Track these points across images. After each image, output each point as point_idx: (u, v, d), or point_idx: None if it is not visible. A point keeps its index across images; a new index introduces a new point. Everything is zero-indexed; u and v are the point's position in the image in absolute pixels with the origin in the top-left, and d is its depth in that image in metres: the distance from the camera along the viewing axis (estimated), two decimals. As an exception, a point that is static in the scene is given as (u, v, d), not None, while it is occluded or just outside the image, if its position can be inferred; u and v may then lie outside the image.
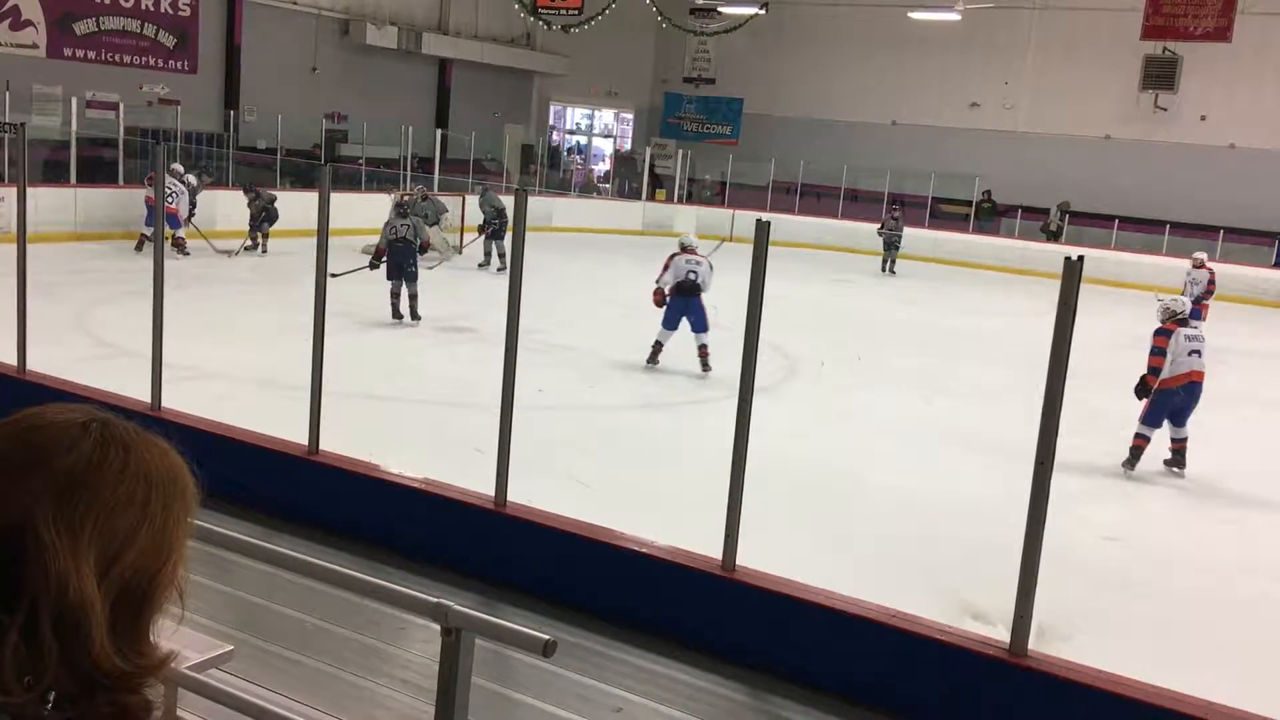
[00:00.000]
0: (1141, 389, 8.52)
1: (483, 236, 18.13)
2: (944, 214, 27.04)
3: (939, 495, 7.82)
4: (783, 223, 22.26)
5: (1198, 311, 13.46)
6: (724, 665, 4.30)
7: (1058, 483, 3.80)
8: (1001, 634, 3.94)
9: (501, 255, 17.27)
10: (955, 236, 24.95)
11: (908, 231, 22.78)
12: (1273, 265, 23.72)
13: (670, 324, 11.14)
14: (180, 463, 1.04)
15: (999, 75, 27.92)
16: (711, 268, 11.17)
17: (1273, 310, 21.21)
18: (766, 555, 4.61)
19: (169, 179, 15.34)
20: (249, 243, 17.34)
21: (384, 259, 12.79)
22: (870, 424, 9.92)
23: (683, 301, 10.97)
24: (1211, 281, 15.57)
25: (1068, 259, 3.77)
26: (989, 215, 27.19)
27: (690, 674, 4.26)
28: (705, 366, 11.06)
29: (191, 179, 17.19)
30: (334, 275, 5.79)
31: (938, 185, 26.84)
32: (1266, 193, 24.39)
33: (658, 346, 11.26)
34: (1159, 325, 8.76)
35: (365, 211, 18.93)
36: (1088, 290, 3.98)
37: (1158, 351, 8.50)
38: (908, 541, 6.85)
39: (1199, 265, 15.67)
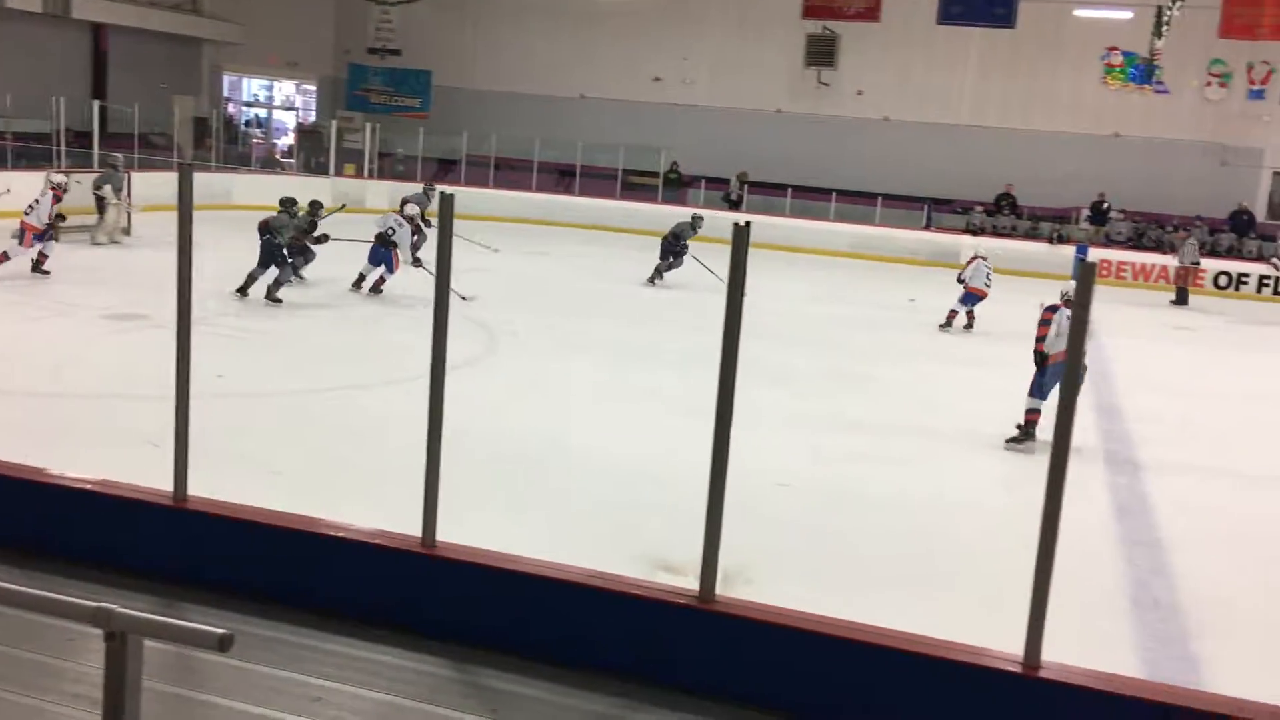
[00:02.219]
0: (1040, 360, 9.17)
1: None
2: (634, 185, 27.86)
3: (636, 457, 8.12)
4: (476, 196, 22.22)
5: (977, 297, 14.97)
6: (428, 643, 4.26)
7: (739, 437, 4.02)
8: (692, 583, 4.14)
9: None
10: (645, 208, 25.74)
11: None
12: (923, 227, 26.14)
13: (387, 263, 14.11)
14: None
15: (678, 51, 28.98)
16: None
17: (922, 269, 23.30)
18: (470, 528, 4.60)
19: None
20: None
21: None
22: (569, 392, 10.12)
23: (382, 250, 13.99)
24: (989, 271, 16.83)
25: (736, 225, 3.98)
26: (675, 186, 28.30)
27: (393, 655, 4.20)
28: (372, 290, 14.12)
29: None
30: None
31: (627, 158, 27.59)
32: (916, 161, 26.80)
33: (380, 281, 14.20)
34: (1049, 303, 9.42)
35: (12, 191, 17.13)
36: (765, 256, 4.23)
37: (1045, 323, 9.13)
38: (608, 504, 7.07)
39: (980, 258, 16.84)
